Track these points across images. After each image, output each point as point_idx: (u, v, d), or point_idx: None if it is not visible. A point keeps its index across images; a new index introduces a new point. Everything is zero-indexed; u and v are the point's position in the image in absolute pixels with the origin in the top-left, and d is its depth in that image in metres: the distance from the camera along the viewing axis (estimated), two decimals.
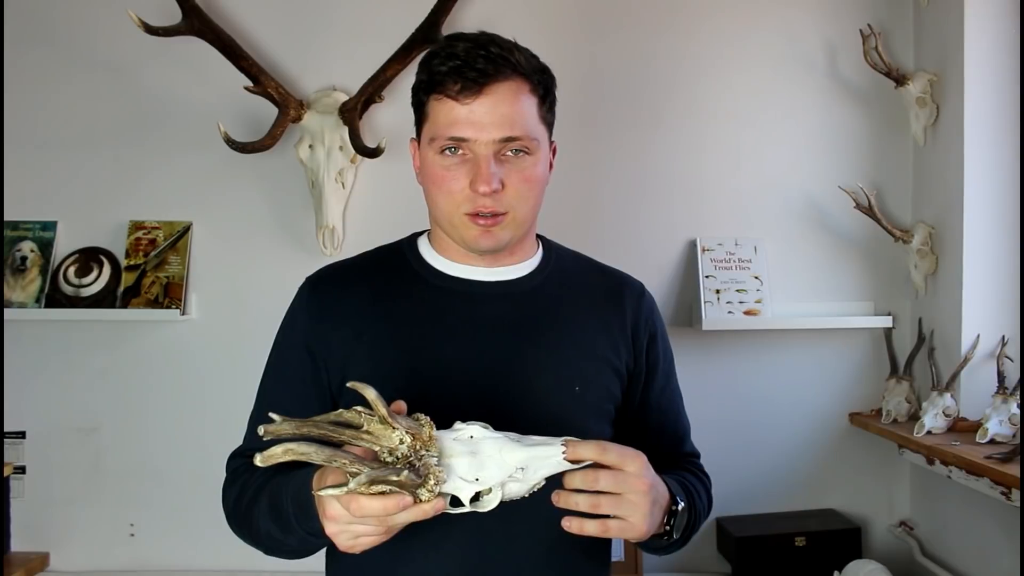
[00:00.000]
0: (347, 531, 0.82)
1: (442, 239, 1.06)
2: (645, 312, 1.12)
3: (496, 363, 1.00)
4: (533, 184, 1.00)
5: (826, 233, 2.12)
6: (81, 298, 2.00)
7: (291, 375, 1.04)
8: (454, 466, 0.80)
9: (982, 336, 1.89)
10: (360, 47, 2.02)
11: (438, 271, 1.06)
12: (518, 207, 0.99)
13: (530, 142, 0.98)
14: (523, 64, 0.99)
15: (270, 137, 1.94)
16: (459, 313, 1.03)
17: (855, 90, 2.11)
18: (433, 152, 0.99)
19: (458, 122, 0.96)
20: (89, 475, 2.06)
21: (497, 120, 0.95)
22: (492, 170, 0.95)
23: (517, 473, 0.81)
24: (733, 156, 2.11)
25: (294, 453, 0.73)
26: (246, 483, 1.00)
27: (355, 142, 1.93)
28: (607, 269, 1.16)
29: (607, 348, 1.07)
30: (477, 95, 0.95)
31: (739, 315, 2.04)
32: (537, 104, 1.01)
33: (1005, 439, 1.72)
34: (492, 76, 0.95)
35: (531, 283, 1.07)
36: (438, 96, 0.97)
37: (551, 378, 1.02)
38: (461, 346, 1.00)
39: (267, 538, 0.96)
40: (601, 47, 2.10)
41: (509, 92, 0.96)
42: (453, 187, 0.98)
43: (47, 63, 2.05)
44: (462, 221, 0.99)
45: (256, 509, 0.96)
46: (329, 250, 1.98)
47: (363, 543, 0.83)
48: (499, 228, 0.99)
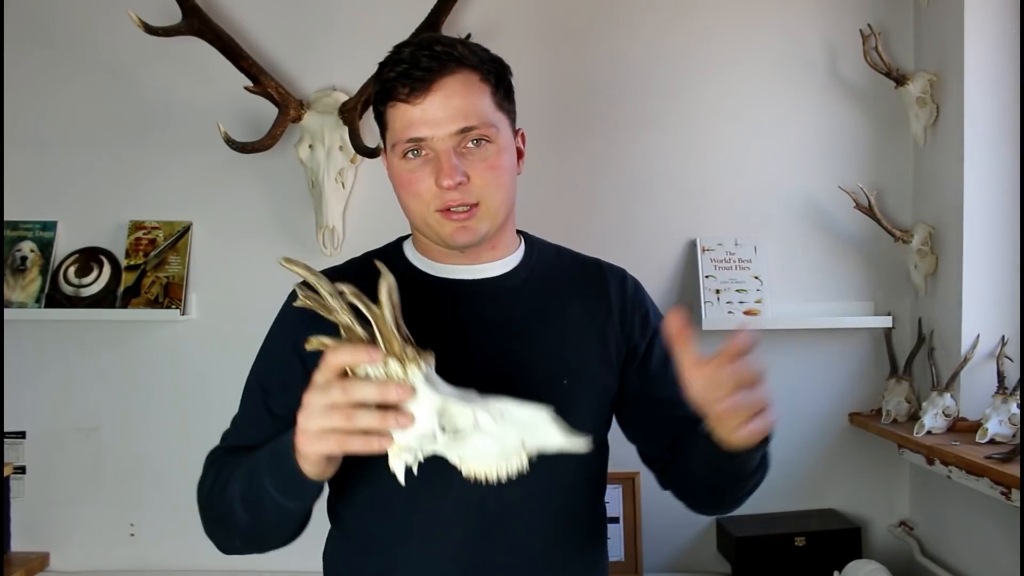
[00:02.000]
0: (315, 402, 0.79)
1: (423, 242, 1.07)
2: (630, 293, 1.13)
3: (482, 361, 1.00)
4: (499, 171, 1.00)
5: (826, 233, 2.12)
6: (81, 298, 2.00)
7: (280, 380, 1.04)
8: (436, 382, 0.80)
9: (982, 336, 1.88)
10: (360, 47, 2.01)
11: (423, 272, 1.07)
12: (488, 196, 1.00)
13: (488, 129, 0.99)
14: (468, 56, 0.99)
15: (270, 137, 1.94)
16: (443, 313, 1.03)
17: (855, 90, 2.11)
18: (397, 158, 1.00)
19: (413, 123, 0.97)
20: (89, 475, 2.06)
21: (450, 114, 0.96)
22: (453, 163, 0.96)
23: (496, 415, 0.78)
24: (733, 156, 2.11)
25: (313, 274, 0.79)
26: (222, 466, 1.00)
27: (355, 142, 1.93)
28: (588, 259, 1.17)
29: (595, 339, 1.07)
30: (426, 93, 0.96)
31: (739, 315, 2.04)
32: (490, 93, 1.01)
33: (1005, 439, 1.72)
34: (438, 72, 0.96)
35: (515, 279, 1.08)
36: (392, 103, 0.99)
37: (538, 374, 1.02)
38: (446, 346, 0.99)
39: (240, 510, 0.94)
40: (601, 47, 2.09)
41: (458, 84, 0.97)
42: (420, 188, 0.99)
43: (47, 63, 2.05)
44: (436, 219, 1.00)
45: (231, 484, 0.95)
46: (329, 250, 1.98)
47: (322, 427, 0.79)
48: (474, 221, 1.00)
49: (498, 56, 1.05)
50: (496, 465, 0.80)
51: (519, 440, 0.79)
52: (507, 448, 0.79)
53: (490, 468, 0.80)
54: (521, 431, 0.79)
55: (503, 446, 0.79)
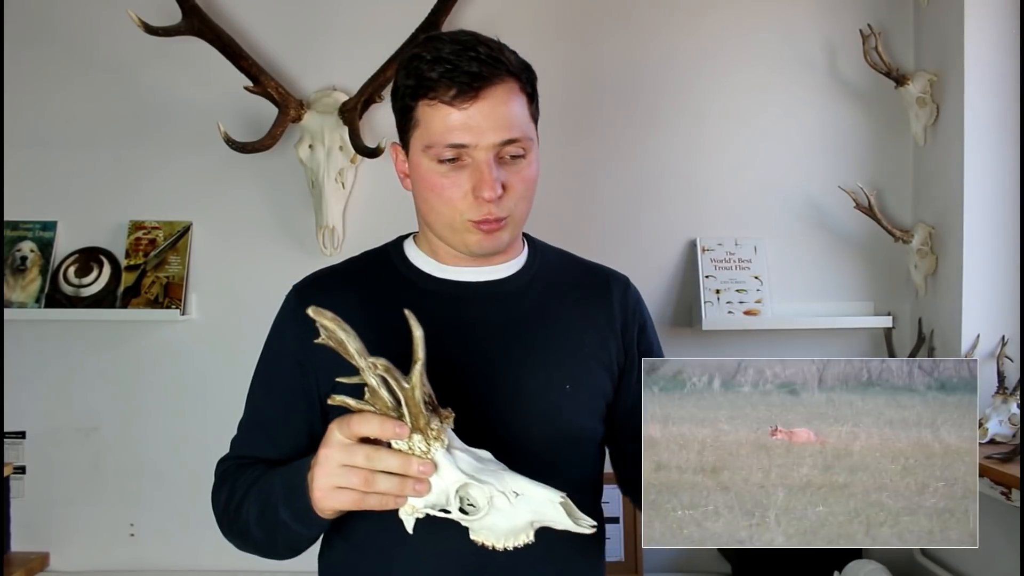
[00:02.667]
0: (335, 459, 0.80)
1: (432, 242, 1.05)
2: (632, 304, 1.12)
3: (485, 364, 1.00)
4: (530, 184, 1.00)
5: (826, 233, 2.12)
6: (81, 298, 2.01)
7: (279, 386, 1.04)
8: (457, 456, 0.81)
9: (982, 336, 1.88)
10: (360, 47, 2.02)
11: (425, 274, 1.06)
12: (518, 209, 0.99)
13: (527, 143, 0.97)
14: (513, 63, 0.97)
15: (270, 137, 1.94)
16: (447, 316, 1.02)
17: (855, 90, 2.11)
18: (429, 160, 0.96)
19: (455, 128, 0.93)
20: (89, 475, 2.06)
21: (495, 124, 0.93)
22: (495, 175, 0.94)
23: (511, 495, 0.80)
24: (733, 156, 2.11)
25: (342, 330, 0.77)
26: (236, 482, 1.00)
27: (355, 142, 1.93)
28: (591, 265, 1.16)
29: (596, 345, 1.07)
30: (474, 100, 0.93)
31: (739, 315, 2.04)
32: (527, 103, 0.99)
33: (1005, 439, 1.73)
34: (487, 79, 0.93)
35: (518, 282, 1.07)
36: (430, 102, 0.94)
37: (541, 378, 1.01)
38: (449, 349, 0.99)
39: (256, 529, 0.95)
40: (601, 47, 2.10)
41: (504, 94, 0.94)
42: (454, 194, 0.96)
43: (47, 63, 2.05)
44: (464, 226, 0.98)
45: (245, 503, 0.96)
46: (329, 250, 1.98)
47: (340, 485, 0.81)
48: (501, 231, 0.99)
49: (527, 61, 1.02)
50: (504, 540, 0.83)
51: (529, 521, 0.82)
52: (516, 527, 0.82)
53: (498, 540, 0.83)
54: (532, 513, 0.81)
55: (513, 525, 0.82)
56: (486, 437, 0.86)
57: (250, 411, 1.08)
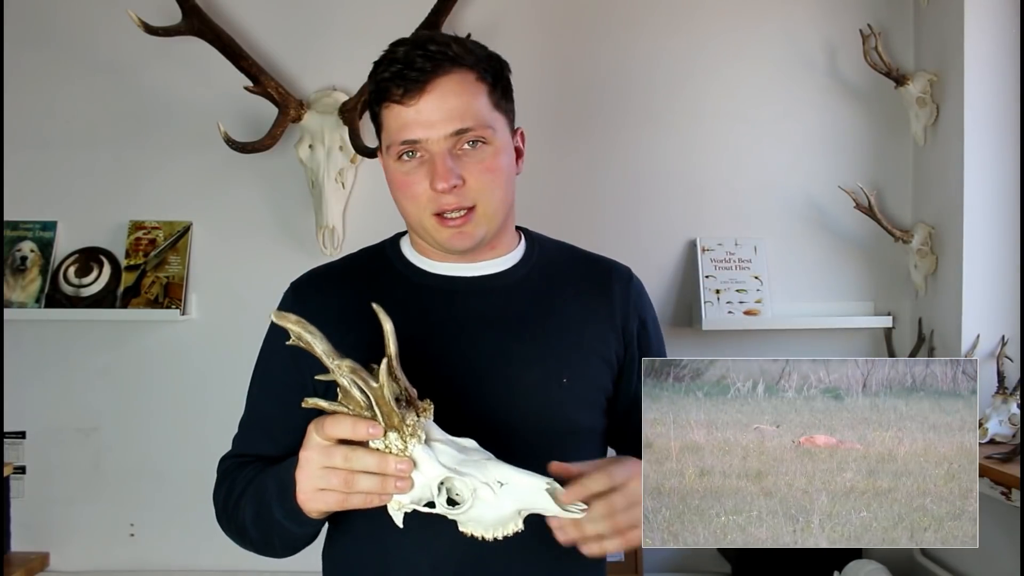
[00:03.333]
0: (314, 461, 0.82)
1: (420, 240, 1.06)
2: (633, 298, 1.11)
3: (481, 359, 1.00)
4: (496, 173, 0.99)
5: (826, 233, 2.12)
6: (81, 298, 2.01)
7: (276, 382, 1.04)
8: (437, 450, 0.80)
9: (982, 336, 1.88)
10: (360, 47, 1.99)
11: (420, 270, 1.06)
12: (484, 199, 0.98)
13: (484, 131, 0.97)
14: (463, 55, 0.97)
15: (270, 137, 1.94)
16: (442, 310, 1.02)
17: (855, 90, 2.11)
18: (391, 159, 0.99)
19: (407, 125, 0.95)
20: (89, 475, 2.06)
21: (445, 115, 0.95)
22: (448, 166, 0.95)
23: (495, 485, 0.80)
24: (733, 156, 2.11)
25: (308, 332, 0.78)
26: (235, 480, 1.01)
27: (355, 142, 1.93)
28: (593, 256, 1.15)
29: (595, 338, 1.06)
30: (421, 94, 0.94)
31: (739, 315, 2.04)
32: (487, 92, 0.99)
33: (1005, 439, 1.73)
34: (432, 73, 0.94)
35: (515, 276, 1.07)
36: (387, 104, 0.97)
37: (538, 371, 1.01)
38: (445, 344, 0.99)
39: (252, 528, 0.97)
40: (601, 47, 2.09)
41: (453, 85, 0.95)
42: (416, 191, 0.97)
43: (47, 63, 2.05)
44: (432, 224, 0.98)
45: (243, 501, 0.97)
46: (329, 250, 1.98)
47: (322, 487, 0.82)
48: (471, 225, 0.98)
49: (496, 53, 1.03)
50: (493, 530, 0.83)
51: (516, 510, 0.82)
52: (503, 517, 0.82)
53: (486, 531, 0.83)
54: (518, 501, 0.81)
55: (500, 515, 0.82)
56: (481, 430, 0.86)
57: (249, 409, 1.08)
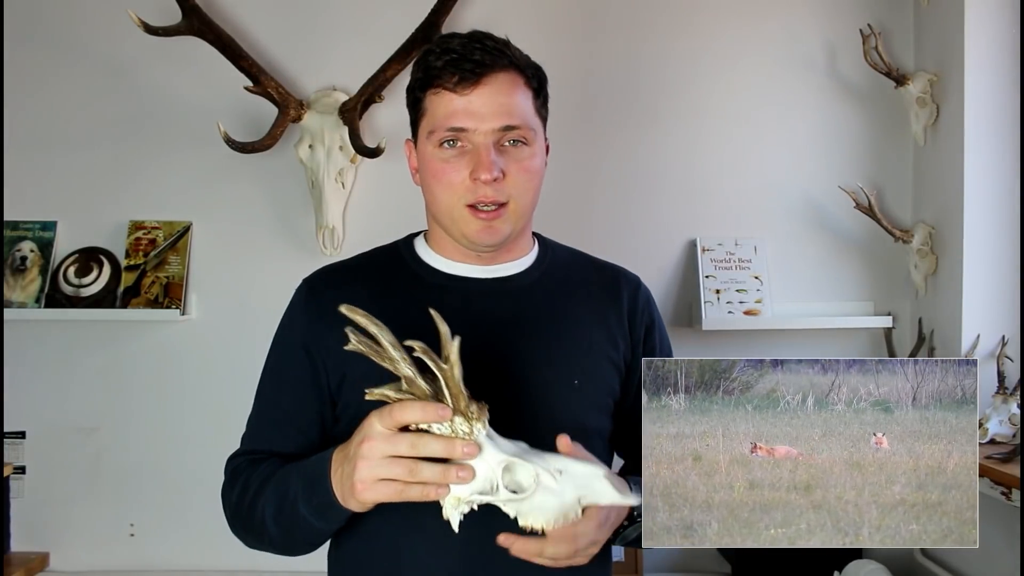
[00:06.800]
0: (379, 450, 0.80)
1: (440, 238, 1.06)
2: (641, 303, 1.13)
3: (493, 360, 1.00)
4: (532, 174, 1.01)
5: (826, 233, 2.12)
6: (81, 298, 2.00)
7: (289, 377, 1.04)
8: (498, 440, 0.81)
9: (982, 336, 1.89)
10: (360, 47, 2.02)
11: (435, 270, 1.07)
12: (519, 197, 1.00)
13: (527, 132, 0.99)
14: (518, 58, 1.00)
15: (270, 137, 1.94)
16: (455, 311, 1.02)
17: (855, 90, 2.11)
18: (432, 146, 0.99)
19: (457, 113, 0.97)
20: (89, 475, 2.06)
21: (496, 109, 0.96)
22: (493, 158, 0.96)
23: (555, 473, 0.81)
24: (733, 156, 2.11)
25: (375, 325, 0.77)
26: (249, 478, 1.00)
27: (355, 142, 1.93)
28: (603, 263, 1.17)
29: (605, 342, 1.07)
30: (475, 85, 0.96)
31: (739, 315, 2.04)
32: (532, 97, 1.02)
33: (1005, 439, 1.73)
34: (489, 67, 0.96)
35: (528, 279, 1.08)
36: (435, 90, 0.98)
37: (549, 373, 1.02)
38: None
39: (272, 525, 0.95)
40: (600, 47, 2.10)
41: (506, 82, 0.98)
42: (454, 179, 0.98)
43: (47, 63, 2.05)
44: (462, 215, 0.99)
45: (260, 499, 0.96)
46: (329, 250, 1.98)
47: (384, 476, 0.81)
48: (500, 221, 0.99)
49: (539, 64, 1.05)
50: (555, 519, 0.83)
51: (576, 497, 0.82)
52: (566, 504, 0.82)
53: (547, 522, 0.83)
54: (578, 488, 0.82)
55: (562, 503, 0.82)
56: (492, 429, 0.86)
57: (261, 405, 1.07)
